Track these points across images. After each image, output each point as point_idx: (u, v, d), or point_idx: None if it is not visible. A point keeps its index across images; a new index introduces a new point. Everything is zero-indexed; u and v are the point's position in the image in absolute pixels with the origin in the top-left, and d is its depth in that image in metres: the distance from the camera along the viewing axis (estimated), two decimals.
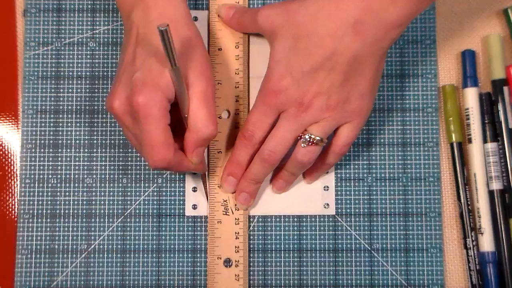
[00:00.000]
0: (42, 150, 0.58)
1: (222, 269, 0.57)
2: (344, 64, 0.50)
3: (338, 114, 0.52)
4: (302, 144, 0.53)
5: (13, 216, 0.58)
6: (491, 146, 0.58)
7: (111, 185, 0.58)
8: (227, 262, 0.57)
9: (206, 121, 0.49)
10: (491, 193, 0.58)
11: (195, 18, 0.60)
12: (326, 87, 0.51)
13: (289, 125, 0.52)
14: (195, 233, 0.58)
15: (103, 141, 0.59)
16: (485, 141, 0.58)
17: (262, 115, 0.53)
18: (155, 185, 0.58)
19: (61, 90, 0.59)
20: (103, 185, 0.58)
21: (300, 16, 0.51)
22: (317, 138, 0.52)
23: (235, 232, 0.57)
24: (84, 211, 0.58)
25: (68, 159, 0.58)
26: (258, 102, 0.53)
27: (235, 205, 0.57)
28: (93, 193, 0.58)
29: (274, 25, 0.52)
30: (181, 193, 0.58)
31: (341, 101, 0.51)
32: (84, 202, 0.58)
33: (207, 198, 0.57)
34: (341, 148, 0.54)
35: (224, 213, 0.57)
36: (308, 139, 0.52)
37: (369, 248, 0.58)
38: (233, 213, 0.57)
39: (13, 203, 0.58)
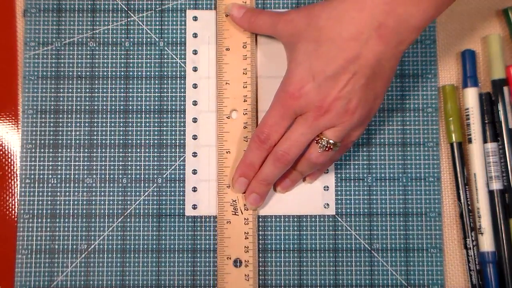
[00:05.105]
0: (42, 150, 0.58)
1: (232, 269, 0.57)
2: (368, 68, 0.49)
3: (355, 119, 0.51)
4: (319, 149, 0.52)
5: (13, 216, 0.58)
6: (491, 146, 0.58)
7: (111, 185, 0.58)
8: (237, 262, 0.57)
9: None
10: (491, 193, 0.58)
11: (200, 18, 0.60)
12: (346, 91, 0.50)
13: (305, 128, 0.51)
14: (195, 233, 0.58)
15: (103, 141, 0.59)
16: (485, 141, 0.58)
17: (280, 118, 0.52)
18: (155, 185, 0.58)
19: (61, 90, 0.59)
20: (103, 185, 0.58)
21: (323, 20, 0.50)
22: (334, 143, 0.52)
23: (245, 232, 0.57)
24: (84, 211, 0.58)
25: (68, 159, 0.58)
26: (276, 104, 0.52)
27: (244, 205, 0.57)
28: (93, 193, 0.58)
29: (296, 29, 0.52)
30: (181, 193, 0.58)
31: (360, 106, 0.51)
32: (84, 202, 0.58)
33: None
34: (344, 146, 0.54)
35: (234, 213, 0.57)
36: (326, 145, 0.52)
37: (369, 248, 0.58)
38: (242, 213, 0.57)
39: (13, 203, 0.58)
